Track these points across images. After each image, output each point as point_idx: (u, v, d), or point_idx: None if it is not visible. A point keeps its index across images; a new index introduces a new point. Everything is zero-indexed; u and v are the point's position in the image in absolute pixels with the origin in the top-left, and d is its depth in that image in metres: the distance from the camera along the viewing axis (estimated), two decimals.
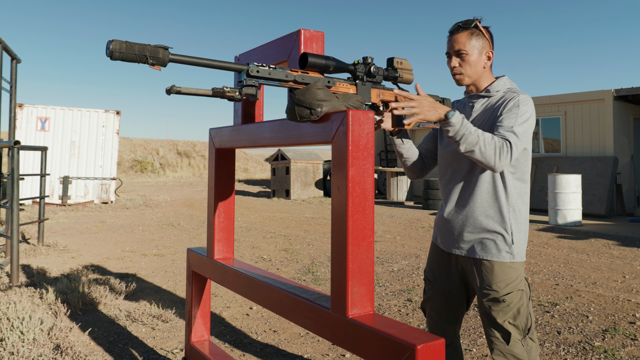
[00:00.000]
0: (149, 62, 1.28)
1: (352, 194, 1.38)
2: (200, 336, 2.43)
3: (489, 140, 1.61)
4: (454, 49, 1.80)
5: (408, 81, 1.78)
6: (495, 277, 1.76)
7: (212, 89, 1.40)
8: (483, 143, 1.60)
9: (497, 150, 1.61)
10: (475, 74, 1.82)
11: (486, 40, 1.81)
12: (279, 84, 1.47)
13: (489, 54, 1.83)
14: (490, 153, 1.60)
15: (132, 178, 22.98)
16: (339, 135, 1.41)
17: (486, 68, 1.84)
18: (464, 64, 1.80)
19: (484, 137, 1.61)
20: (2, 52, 7.37)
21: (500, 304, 1.75)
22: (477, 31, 1.79)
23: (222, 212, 2.24)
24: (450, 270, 1.93)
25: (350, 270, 1.38)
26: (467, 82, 1.84)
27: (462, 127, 1.61)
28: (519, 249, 1.79)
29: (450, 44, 1.82)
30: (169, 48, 1.31)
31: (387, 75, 1.72)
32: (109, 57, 1.24)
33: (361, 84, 1.65)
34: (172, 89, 1.35)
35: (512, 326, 1.74)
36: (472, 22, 1.79)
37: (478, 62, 1.80)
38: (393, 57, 1.74)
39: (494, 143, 1.61)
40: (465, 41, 1.78)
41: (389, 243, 6.92)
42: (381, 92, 1.71)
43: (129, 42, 1.26)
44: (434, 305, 1.99)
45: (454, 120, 1.60)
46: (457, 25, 1.81)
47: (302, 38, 1.72)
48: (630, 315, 3.69)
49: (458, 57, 1.81)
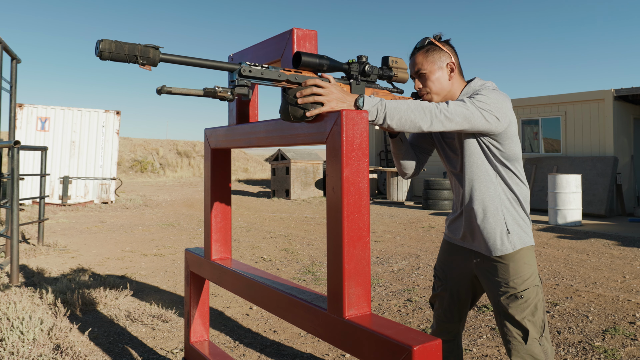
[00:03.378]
0: (139, 62, 1.27)
1: (347, 194, 1.38)
2: (200, 336, 2.43)
3: (419, 105, 1.55)
4: (414, 71, 1.81)
5: (403, 80, 1.78)
6: (512, 274, 1.76)
7: (203, 89, 1.40)
8: (414, 110, 1.54)
9: (432, 114, 1.56)
10: (443, 89, 1.79)
11: (444, 52, 1.79)
12: (272, 84, 1.46)
13: (451, 66, 1.79)
14: (424, 118, 1.55)
15: (132, 178, 22.99)
16: (333, 135, 1.41)
17: (453, 79, 1.80)
18: (427, 82, 1.78)
19: (413, 105, 1.54)
20: (2, 52, 7.37)
21: (518, 300, 1.75)
22: (432, 47, 1.79)
23: (219, 213, 2.24)
24: (461, 268, 1.93)
25: (346, 271, 1.38)
26: (437, 99, 1.79)
27: (380, 109, 1.52)
28: (518, 236, 1.79)
29: (411, 67, 1.83)
30: (160, 48, 1.30)
31: (381, 74, 1.71)
32: (98, 57, 1.24)
33: (355, 83, 1.64)
34: (163, 89, 1.34)
35: (531, 323, 1.75)
36: (425, 39, 1.81)
37: (441, 77, 1.78)
38: (388, 56, 1.73)
39: (430, 109, 1.56)
40: (422, 61, 1.78)
41: (389, 243, 6.92)
42: (375, 91, 1.71)
43: (118, 41, 1.25)
44: (441, 302, 2.01)
45: (367, 107, 1.50)
46: (414, 47, 1.83)
47: (295, 37, 1.71)
48: (630, 315, 3.69)
49: (420, 79, 1.80)
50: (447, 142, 1.88)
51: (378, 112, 1.51)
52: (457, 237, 1.92)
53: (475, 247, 1.84)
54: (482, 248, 1.81)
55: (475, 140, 1.76)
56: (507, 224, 1.77)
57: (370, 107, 1.50)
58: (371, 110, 1.51)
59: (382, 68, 1.72)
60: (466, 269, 1.91)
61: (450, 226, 1.96)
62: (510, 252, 1.77)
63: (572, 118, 10.87)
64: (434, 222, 9.05)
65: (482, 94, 1.68)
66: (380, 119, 1.52)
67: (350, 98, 1.50)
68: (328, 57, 1.54)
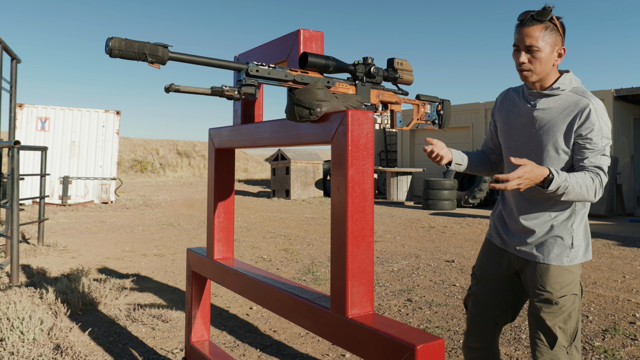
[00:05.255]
0: (148, 60, 1.28)
1: (352, 194, 1.38)
2: (200, 336, 2.43)
3: (590, 186, 1.62)
4: (525, 44, 1.66)
5: (408, 82, 1.77)
6: (551, 279, 1.72)
7: (211, 88, 1.40)
8: (585, 192, 1.62)
9: (596, 190, 1.64)
10: (544, 72, 1.70)
11: (559, 35, 1.68)
12: (278, 84, 1.47)
13: (561, 51, 1.70)
14: (590, 196, 1.64)
15: (132, 178, 22.98)
16: (338, 135, 1.41)
17: (555, 65, 1.72)
18: (534, 60, 1.67)
19: (585, 186, 1.62)
20: (2, 52, 7.37)
21: (553, 306, 1.71)
22: (551, 25, 1.66)
23: (222, 212, 2.24)
24: (501, 269, 1.89)
25: (350, 270, 1.38)
26: (534, 79, 1.72)
27: (560, 187, 1.59)
28: (578, 253, 1.75)
29: (520, 36, 1.67)
30: (169, 46, 1.31)
31: (387, 76, 1.71)
32: (108, 55, 1.24)
33: (361, 85, 1.64)
34: (171, 87, 1.35)
35: (561, 330, 1.71)
36: (548, 14, 1.65)
37: (549, 60, 1.68)
38: (393, 58, 1.73)
39: (594, 186, 1.63)
40: (538, 36, 1.64)
41: (389, 243, 6.92)
42: (380, 92, 1.71)
43: (128, 39, 1.26)
44: (476, 302, 1.95)
45: (552, 188, 1.58)
46: (530, 15, 1.66)
47: (302, 38, 1.72)
48: (630, 315, 3.69)
49: (528, 53, 1.68)
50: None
51: (559, 189, 1.59)
52: (501, 237, 1.90)
53: (522, 249, 1.81)
54: (528, 250, 1.79)
55: (554, 149, 1.75)
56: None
57: (553, 189, 1.58)
58: (553, 187, 1.58)
59: (387, 70, 1.72)
60: (507, 267, 1.88)
61: (496, 224, 1.94)
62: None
63: None
64: (434, 222, 9.06)
65: (606, 147, 1.68)
66: (558, 193, 1.61)
67: (540, 176, 1.57)
68: (334, 58, 1.54)
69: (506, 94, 1.93)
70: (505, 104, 1.91)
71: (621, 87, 10.16)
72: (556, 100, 1.73)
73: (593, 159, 1.65)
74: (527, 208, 1.79)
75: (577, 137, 1.67)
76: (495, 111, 1.96)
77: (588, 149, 1.65)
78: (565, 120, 1.69)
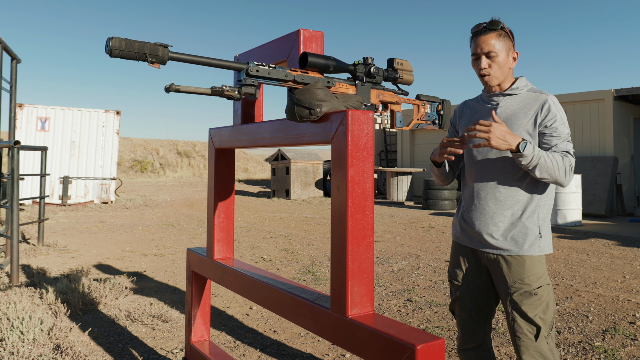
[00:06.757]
0: (148, 60, 1.28)
1: (352, 194, 1.38)
2: (200, 336, 2.43)
3: (560, 163, 1.70)
4: (484, 50, 1.82)
5: (408, 82, 1.78)
6: (527, 271, 1.79)
7: (211, 88, 1.40)
8: (556, 168, 1.69)
9: (567, 170, 1.72)
10: (503, 75, 1.86)
11: (511, 41, 1.85)
12: (279, 84, 1.47)
13: (515, 55, 1.87)
14: (562, 175, 1.72)
15: (132, 178, 22.98)
16: (338, 135, 1.41)
17: (511, 69, 1.88)
18: (493, 64, 1.83)
19: (555, 161, 1.70)
20: (2, 52, 7.37)
21: (532, 297, 1.77)
22: (503, 32, 1.82)
23: (222, 212, 2.24)
24: (477, 268, 1.93)
25: (350, 270, 1.38)
26: (495, 82, 1.87)
27: (534, 157, 1.67)
28: (546, 243, 1.83)
29: (477, 45, 1.83)
30: (169, 46, 1.31)
31: (387, 76, 1.71)
32: (108, 55, 1.24)
33: (361, 85, 1.64)
34: (171, 87, 1.35)
35: (542, 320, 1.77)
36: (499, 23, 1.81)
37: (506, 63, 1.84)
38: (394, 58, 1.73)
39: (564, 165, 1.71)
40: (494, 42, 1.81)
41: (389, 243, 6.92)
42: (381, 92, 1.71)
43: (128, 39, 1.26)
44: (463, 306, 1.99)
45: (526, 152, 1.66)
46: (483, 26, 1.83)
47: (302, 38, 1.72)
48: (630, 315, 3.69)
49: (488, 59, 1.83)
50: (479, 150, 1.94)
51: (532, 160, 1.67)
52: (469, 237, 1.94)
53: (492, 245, 1.85)
54: (499, 245, 1.84)
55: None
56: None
57: (529, 154, 1.66)
58: (528, 156, 1.66)
59: (387, 70, 1.72)
60: (482, 264, 1.93)
61: (462, 225, 1.98)
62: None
63: (572, 118, 10.87)
64: (434, 222, 9.06)
65: (568, 132, 1.80)
66: (530, 166, 1.68)
67: (512, 139, 1.66)
68: (334, 58, 1.55)
69: (464, 104, 2.07)
70: (466, 111, 2.03)
71: (621, 87, 10.17)
72: (516, 98, 1.87)
73: (561, 145, 1.77)
74: (495, 205, 1.84)
75: (542, 128, 1.79)
76: (456, 120, 2.08)
77: (554, 136, 1.78)
78: (527, 114, 1.82)
